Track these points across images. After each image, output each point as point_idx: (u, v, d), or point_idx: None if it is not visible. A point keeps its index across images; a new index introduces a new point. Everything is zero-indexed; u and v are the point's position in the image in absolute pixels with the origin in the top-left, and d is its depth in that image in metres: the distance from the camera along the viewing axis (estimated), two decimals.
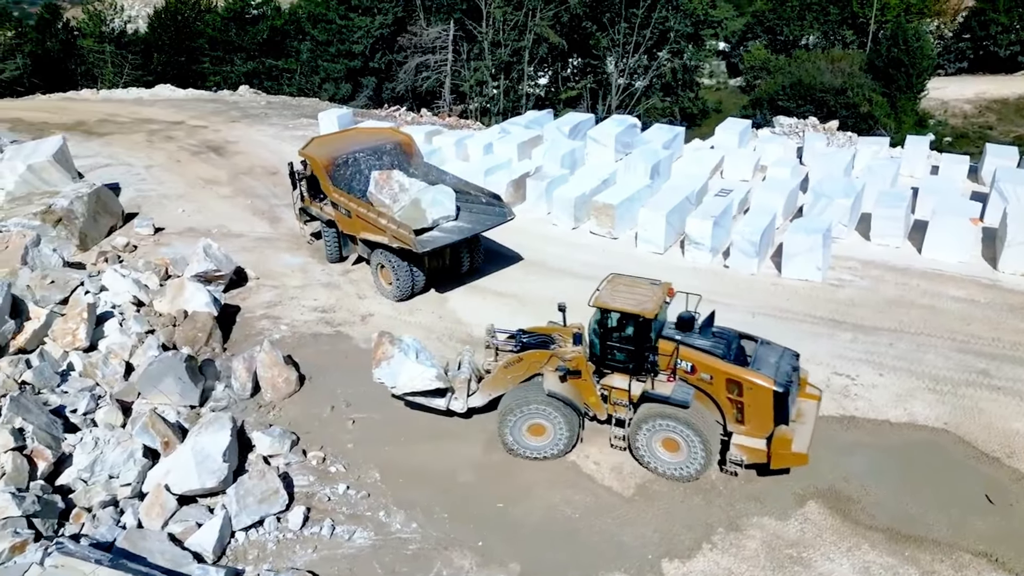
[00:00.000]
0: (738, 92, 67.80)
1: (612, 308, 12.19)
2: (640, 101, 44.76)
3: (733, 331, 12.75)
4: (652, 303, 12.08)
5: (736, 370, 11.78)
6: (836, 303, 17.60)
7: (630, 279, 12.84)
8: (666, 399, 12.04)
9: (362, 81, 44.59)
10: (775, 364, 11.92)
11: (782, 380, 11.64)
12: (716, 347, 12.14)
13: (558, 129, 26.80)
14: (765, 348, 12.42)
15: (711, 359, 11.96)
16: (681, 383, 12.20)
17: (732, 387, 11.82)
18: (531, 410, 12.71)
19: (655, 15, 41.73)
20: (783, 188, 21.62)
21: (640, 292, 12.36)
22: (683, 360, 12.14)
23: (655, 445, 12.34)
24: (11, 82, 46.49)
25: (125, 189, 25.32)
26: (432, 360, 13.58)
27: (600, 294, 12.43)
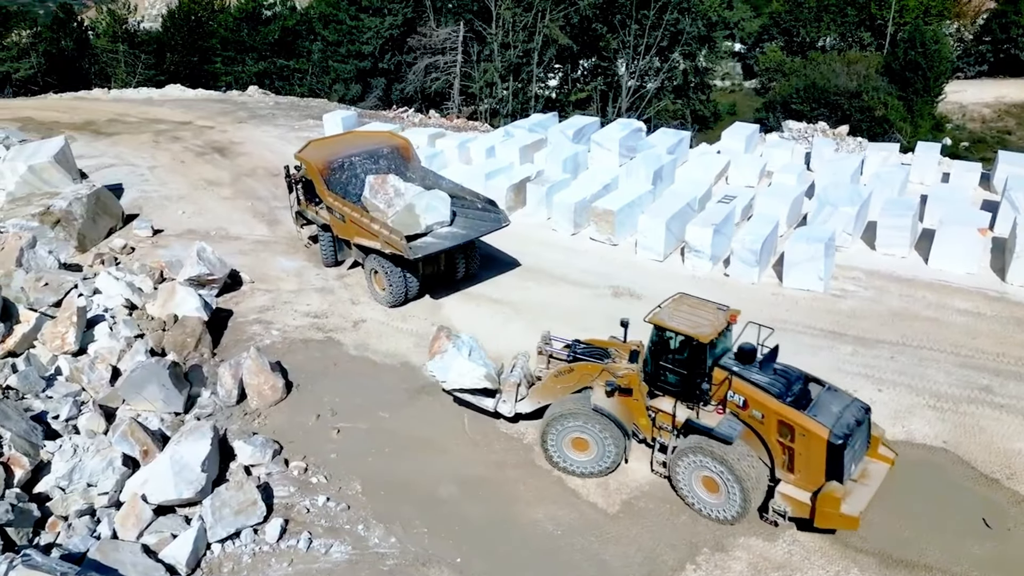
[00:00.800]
0: (753, 94, 67.18)
1: (667, 327, 11.65)
2: (651, 103, 44.35)
3: (799, 371, 11.80)
4: (710, 327, 11.47)
5: (790, 412, 10.86)
6: (837, 314, 17.20)
7: (696, 300, 12.26)
8: (709, 431, 11.32)
9: (372, 82, 44.54)
10: (837, 413, 10.92)
11: (840, 431, 10.64)
12: (773, 384, 11.23)
13: (562, 133, 26.52)
14: (830, 395, 11.40)
15: (765, 396, 11.10)
16: (730, 417, 11.43)
17: (784, 431, 10.96)
18: (575, 423, 12.31)
19: (666, 17, 41.30)
20: (787, 195, 21.20)
21: (701, 315, 11.77)
22: (735, 393, 11.37)
23: (695, 482, 11.63)
24: (25, 81, 46.92)
25: (128, 190, 25.34)
26: (485, 360, 13.52)
27: (659, 311, 11.95)
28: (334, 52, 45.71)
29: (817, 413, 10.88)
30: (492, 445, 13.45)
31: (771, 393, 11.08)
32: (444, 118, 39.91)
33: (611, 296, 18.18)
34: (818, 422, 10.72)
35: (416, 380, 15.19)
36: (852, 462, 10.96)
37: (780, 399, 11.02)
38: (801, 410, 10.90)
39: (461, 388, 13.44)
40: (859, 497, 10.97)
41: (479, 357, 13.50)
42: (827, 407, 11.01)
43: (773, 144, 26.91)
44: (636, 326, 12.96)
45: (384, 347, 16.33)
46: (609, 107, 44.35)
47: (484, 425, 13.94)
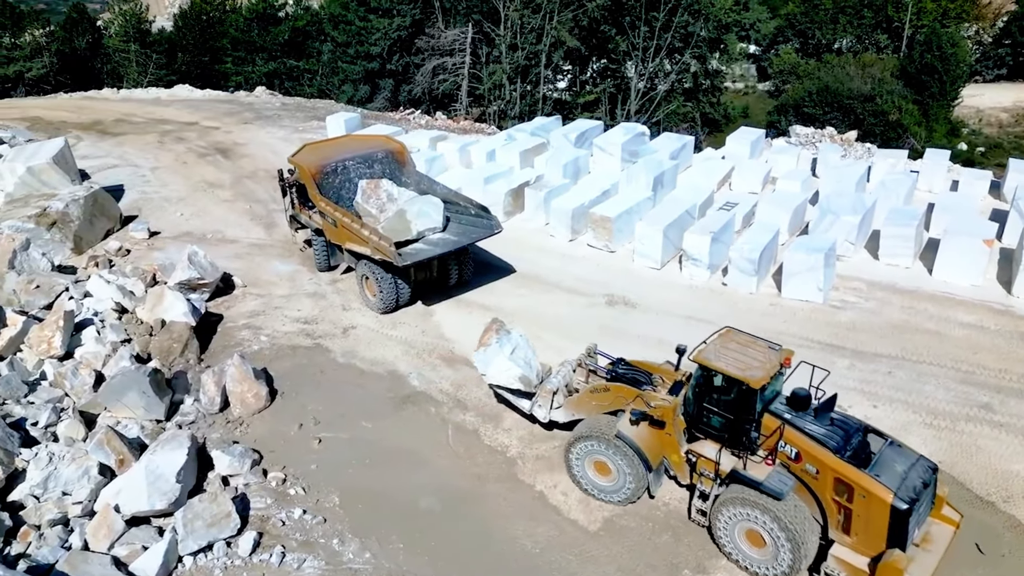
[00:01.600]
0: (766, 97, 66.50)
1: (714, 368, 10.70)
2: (660, 106, 43.91)
3: (858, 421, 10.87)
4: (761, 370, 10.47)
5: (850, 470, 9.92)
6: (836, 326, 16.79)
7: (746, 337, 11.28)
8: (758, 485, 10.42)
9: (380, 83, 44.44)
10: (902, 473, 9.97)
11: (906, 495, 9.66)
12: (831, 437, 10.26)
13: (564, 136, 26.24)
14: (894, 451, 10.42)
15: (821, 450, 10.16)
16: (780, 470, 10.54)
17: (841, 489, 10.04)
18: (597, 446, 11.81)
19: (676, 19, 40.86)
20: (790, 202, 20.79)
21: (752, 355, 10.80)
22: (787, 444, 10.46)
23: (738, 534, 10.80)
24: (38, 80, 47.27)
25: (128, 191, 25.35)
26: (530, 361, 13.20)
27: (705, 348, 11.01)
28: (343, 53, 45.69)
29: (880, 472, 9.92)
30: (475, 458, 13.22)
31: (828, 447, 10.14)
32: (451, 120, 39.73)
33: (605, 305, 17.89)
34: (882, 483, 9.76)
35: (402, 389, 14.99)
36: (916, 526, 10.03)
37: (838, 454, 10.08)
38: (862, 468, 9.97)
39: (498, 385, 13.23)
40: (923, 565, 10.06)
41: (522, 357, 13.15)
42: (891, 466, 10.06)
43: (779, 150, 26.47)
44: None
45: (372, 355, 16.14)
46: (618, 109, 43.97)
47: (468, 437, 13.72)
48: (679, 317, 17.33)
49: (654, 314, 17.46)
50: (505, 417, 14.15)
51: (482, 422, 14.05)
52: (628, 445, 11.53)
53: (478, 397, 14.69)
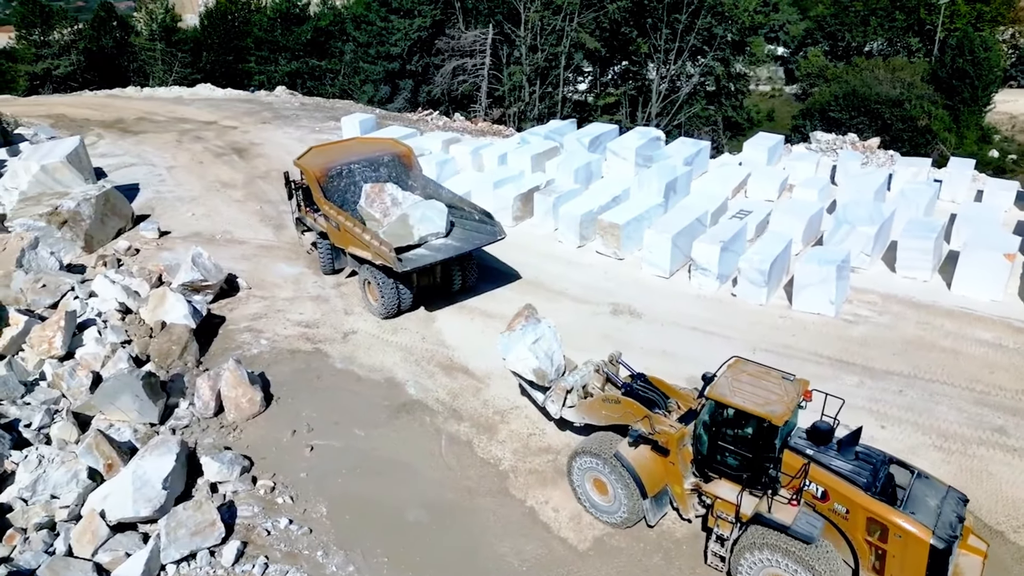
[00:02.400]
0: (793, 100, 65.50)
1: (732, 404, 9.98)
2: (682, 109, 43.35)
3: (882, 453, 10.16)
4: (783, 405, 9.78)
5: (882, 509, 9.31)
6: (847, 341, 16.28)
7: (757, 368, 10.57)
8: (785, 528, 9.68)
9: (400, 84, 44.42)
10: (936, 508, 9.35)
11: (944, 533, 9.09)
12: (859, 473, 9.65)
13: (578, 140, 25.91)
14: (924, 484, 9.77)
15: (850, 488, 9.52)
16: (807, 511, 9.83)
17: (874, 529, 9.42)
18: (596, 463, 11.46)
19: (699, 21, 40.28)
20: (805, 211, 20.26)
21: (768, 387, 10.08)
22: (813, 482, 9.79)
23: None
24: (65, 77, 47.98)
25: (143, 190, 25.52)
26: (552, 354, 12.79)
27: (717, 383, 10.33)
28: (364, 53, 45.76)
29: (915, 510, 9.29)
30: (467, 471, 12.98)
31: (857, 484, 9.51)
32: (469, 121, 39.56)
33: (609, 314, 17.55)
34: (918, 521, 9.15)
35: (397, 397, 14.81)
36: (951, 563, 9.37)
37: (868, 491, 9.45)
38: (893, 504, 9.37)
39: (515, 372, 12.94)
40: None
41: (543, 349, 12.74)
42: (923, 501, 9.42)
43: (798, 156, 25.87)
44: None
45: (371, 361, 15.98)
46: (638, 112, 43.49)
47: (460, 449, 13.48)
48: (685, 328, 16.95)
49: (659, 324, 17.09)
50: (500, 429, 13.90)
51: (476, 433, 13.81)
52: (624, 468, 11.10)
53: (474, 407, 14.46)
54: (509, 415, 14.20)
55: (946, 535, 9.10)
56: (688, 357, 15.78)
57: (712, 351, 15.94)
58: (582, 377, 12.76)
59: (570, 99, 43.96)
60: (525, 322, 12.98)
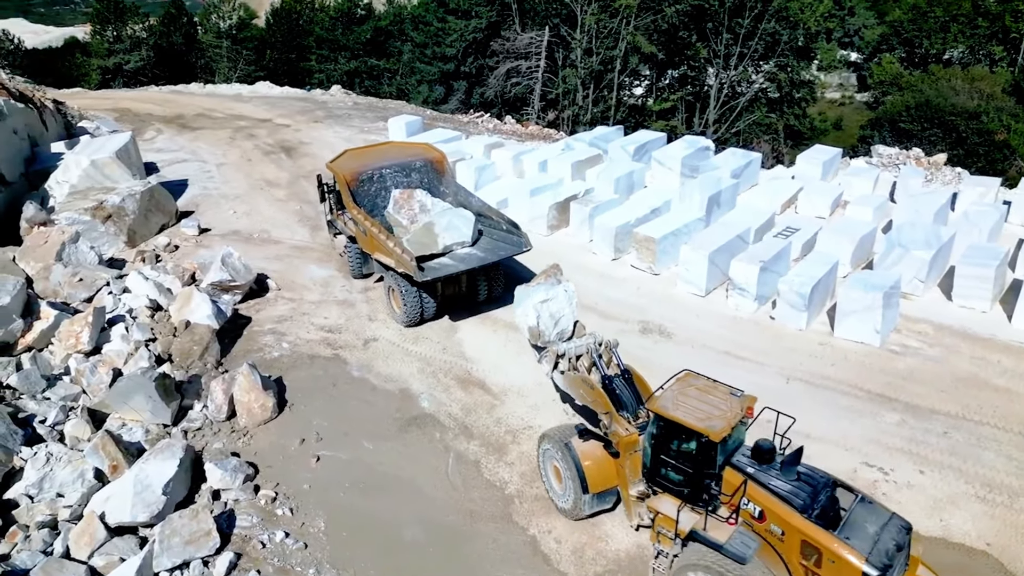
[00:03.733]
0: (864, 108, 62.91)
1: (671, 417, 9.88)
2: (741, 116, 41.98)
3: (825, 475, 9.74)
4: (723, 421, 9.65)
5: (818, 533, 8.95)
6: (891, 375, 15.22)
7: (706, 382, 10.46)
8: (719, 547, 9.49)
9: (454, 85, 44.37)
10: (874, 535, 9.00)
11: (878, 560, 8.73)
12: (797, 494, 9.32)
13: (623, 148, 25.18)
14: (865, 509, 9.37)
15: (787, 510, 9.20)
16: (744, 530, 9.61)
17: (809, 553, 9.05)
18: (553, 449, 11.77)
19: (762, 26, 38.89)
20: (855, 231, 19.12)
21: (712, 402, 10.00)
22: (751, 501, 9.53)
23: None
24: (135, 72, 49.64)
25: (191, 186, 25.99)
26: (559, 317, 12.63)
27: (662, 395, 10.24)
28: (421, 54, 45.89)
29: (850, 535, 8.97)
30: (471, 492, 12.57)
31: (794, 506, 9.22)
32: (520, 125, 39.18)
33: (638, 332, 16.88)
34: (851, 547, 8.80)
35: (410, 410, 14.51)
36: None
37: (804, 513, 9.13)
38: (830, 529, 9.03)
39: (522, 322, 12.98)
40: None
41: (550, 310, 12.53)
42: (861, 527, 9.10)
43: (855, 171, 24.54)
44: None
45: (388, 370, 15.74)
46: (695, 118, 42.31)
47: (467, 468, 13.08)
48: (716, 352, 16.15)
49: (689, 346, 16.34)
50: (510, 449, 13.45)
51: (485, 453, 13.39)
52: (572, 459, 11.32)
53: (486, 424, 14.05)
54: (521, 435, 13.73)
55: (880, 563, 8.72)
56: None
57: (742, 377, 15.09)
58: (577, 348, 12.50)
59: (625, 103, 43.07)
60: (545, 280, 12.81)
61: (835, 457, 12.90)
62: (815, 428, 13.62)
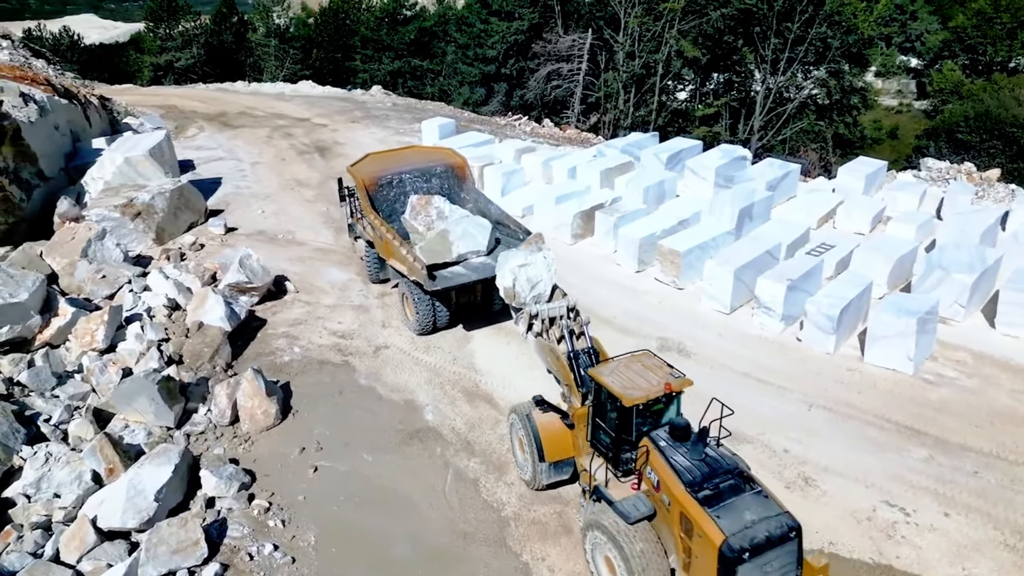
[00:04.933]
0: (921, 117, 60.57)
1: (599, 381, 10.57)
2: (788, 123, 40.71)
3: (733, 463, 9.87)
4: (642, 392, 10.13)
5: (692, 507, 9.22)
6: (922, 406, 14.32)
7: (656, 362, 10.79)
8: (610, 503, 10.16)
9: (494, 87, 44.10)
10: (748, 522, 9.03)
11: (739, 543, 8.80)
12: (691, 471, 9.59)
13: (656, 156, 24.51)
14: (754, 499, 9.39)
15: (676, 482, 9.51)
16: (641, 496, 10.16)
17: (685, 525, 9.39)
18: (518, 421, 12.37)
19: (813, 31, 37.60)
20: (894, 250, 18.15)
21: (646, 377, 10.43)
22: (653, 471, 9.97)
23: (599, 559, 10.50)
24: (185, 69, 50.67)
25: (224, 184, 26.23)
26: (536, 282, 12.88)
27: (605, 365, 10.90)
28: (463, 55, 45.76)
29: (723, 515, 9.11)
30: (466, 512, 12.19)
31: (683, 480, 9.54)
32: (558, 128, 38.69)
33: (656, 350, 16.09)
34: (716, 525, 8.99)
35: (413, 422, 14.21)
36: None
37: (689, 488, 9.42)
38: (708, 507, 9.24)
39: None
40: None
41: (527, 273, 12.88)
42: (739, 511, 9.20)
43: (901, 185, 23.38)
44: None
45: (395, 379, 15.48)
46: (740, 125, 41.19)
47: (465, 487, 12.71)
48: (736, 373, 15.47)
49: (708, 367, 15.68)
50: (510, 469, 13.04)
51: (485, 471, 13.01)
52: (531, 428, 11.91)
53: (488, 441, 13.67)
54: None
55: (739, 545, 8.85)
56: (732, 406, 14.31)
57: (761, 401, 14.53)
58: (551, 310, 12.74)
59: (668, 108, 42.16)
60: (528, 247, 13.27)
61: (853, 494, 12.19)
62: (834, 460, 12.92)
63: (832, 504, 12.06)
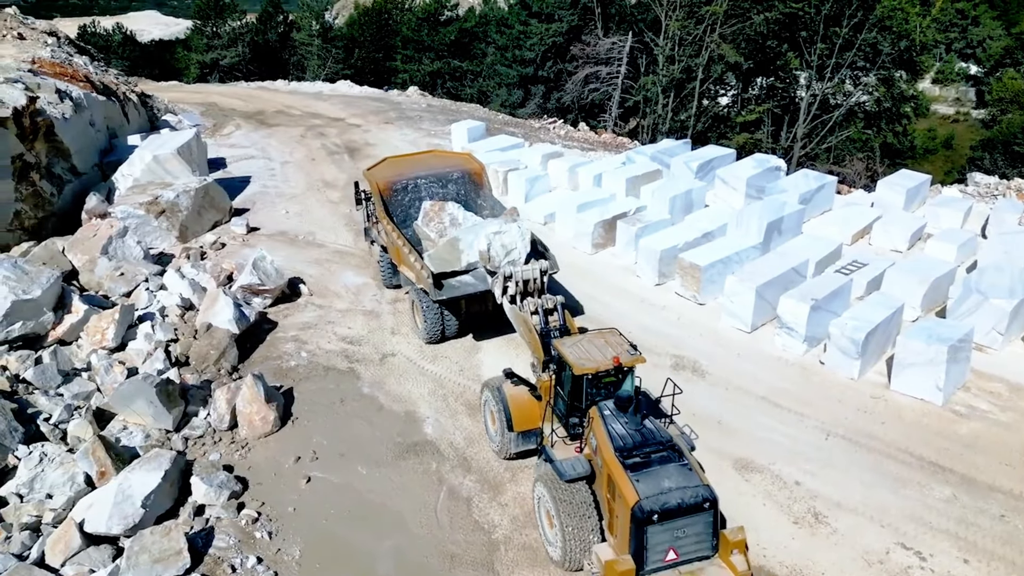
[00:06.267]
0: (979, 126, 58.16)
1: (558, 350, 11.26)
2: (834, 131, 39.36)
3: (668, 436, 10.41)
4: (593, 363, 10.79)
5: (616, 469, 9.87)
6: (950, 439, 13.45)
7: (618, 340, 11.33)
8: (550, 460, 10.93)
9: (531, 89, 43.67)
10: (665, 488, 9.56)
11: (651, 505, 9.38)
12: (624, 438, 10.26)
13: (686, 164, 23.79)
14: (677, 470, 9.87)
15: (608, 446, 10.19)
16: (581, 457, 10.88)
17: (611, 488, 10.06)
18: (489, 394, 12.94)
19: (862, 36, 36.24)
20: (930, 271, 17.18)
21: (603, 351, 11.01)
22: (594, 436, 10.68)
23: (543, 513, 11.22)
24: (230, 68, 51.44)
25: (252, 184, 26.37)
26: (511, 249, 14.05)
27: (569, 338, 11.65)
28: (502, 56, 45.44)
29: (642, 479, 9.70)
30: (456, 533, 11.82)
31: (614, 445, 10.16)
32: (593, 132, 38.08)
33: (669, 368, 15.65)
34: (633, 487, 9.58)
35: (411, 435, 13.90)
36: (667, 550, 9.55)
37: (619, 453, 10.02)
38: (631, 471, 9.82)
39: None
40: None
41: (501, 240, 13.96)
42: (659, 478, 9.74)
43: (945, 201, 22.22)
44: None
45: (399, 389, 15.20)
46: (783, 132, 39.98)
47: (458, 506, 12.34)
48: (752, 396, 14.78)
49: (722, 388, 15.02)
50: (506, 489, 12.62)
51: (479, 490, 12.61)
52: (501, 399, 12.49)
53: (485, 459, 13.26)
54: (520, 474, 12.87)
55: (649, 508, 9.40)
56: (745, 432, 13.73)
57: (776, 428, 13.87)
58: (524, 272, 13.65)
59: (707, 113, 41.14)
60: (504, 218, 14.23)
61: (866, 533, 11.45)
62: (849, 495, 12.19)
63: (842, 543, 11.35)
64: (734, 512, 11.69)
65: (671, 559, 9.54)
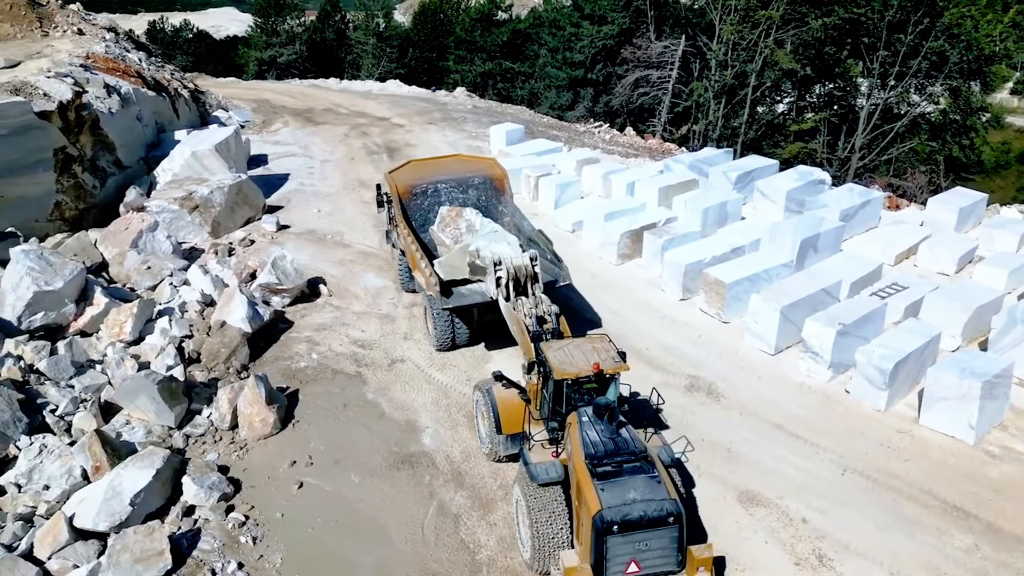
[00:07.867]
0: None
1: (543, 353, 11.29)
2: (895, 142, 37.63)
3: (643, 446, 10.28)
4: (572, 367, 10.84)
5: (583, 477, 9.81)
6: (978, 483, 12.48)
7: (606, 346, 11.38)
8: (525, 464, 10.91)
9: (580, 92, 43.12)
10: (630, 500, 9.42)
11: (612, 515, 9.28)
12: (596, 446, 10.16)
13: (724, 174, 22.96)
14: (646, 483, 9.68)
15: (579, 453, 10.14)
16: (556, 462, 10.83)
17: (579, 494, 9.95)
18: (479, 394, 12.99)
19: (928, 44, 34.52)
20: (974, 297, 16.08)
21: (587, 357, 11.02)
22: (570, 442, 10.62)
23: (520, 514, 11.18)
24: (287, 65, 52.42)
25: (290, 181, 26.64)
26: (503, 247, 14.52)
27: (556, 342, 11.67)
28: (553, 58, 45.05)
29: (608, 489, 9.59)
30: (440, 551, 11.51)
31: (584, 452, 10.11)
32: (640, 137, 37.32)
33: (683, 388, 15.04)
34: (598, 496, 9.49)
35: (408, 445, 13.67)
36: (629, 562, 9.41)
37: (589, 461, 9.95)
38: (598, 480, 9.72)
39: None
40: None
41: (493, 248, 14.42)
42: (626, 489, 9.59)
43: (1002, 222, 20.81)
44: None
45: (403, 396, 15.00)
46: (840, 142, 38.41)
47: (445, 522, 12.03)
48: (767, 424, 14.04)
49: (737, 413, 14.32)
50: (497, 507, 12.26)
51: (469, 507, 12.28)
52: (490, 401, 12.41)
53: (480, 474, 12.93)
54: (512, 492, 12.46)
55: (610, 518, 9.31)
56: (754, 462, 13.04)
57: (788, 459, 13.16)
58: (513, 259, 13.99)
59: (760, 121, 39.86)
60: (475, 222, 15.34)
61: None
62: (859, 538, 11.41)
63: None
64: (731, 548, 11.09)
65: (632, 571, 9.42)
